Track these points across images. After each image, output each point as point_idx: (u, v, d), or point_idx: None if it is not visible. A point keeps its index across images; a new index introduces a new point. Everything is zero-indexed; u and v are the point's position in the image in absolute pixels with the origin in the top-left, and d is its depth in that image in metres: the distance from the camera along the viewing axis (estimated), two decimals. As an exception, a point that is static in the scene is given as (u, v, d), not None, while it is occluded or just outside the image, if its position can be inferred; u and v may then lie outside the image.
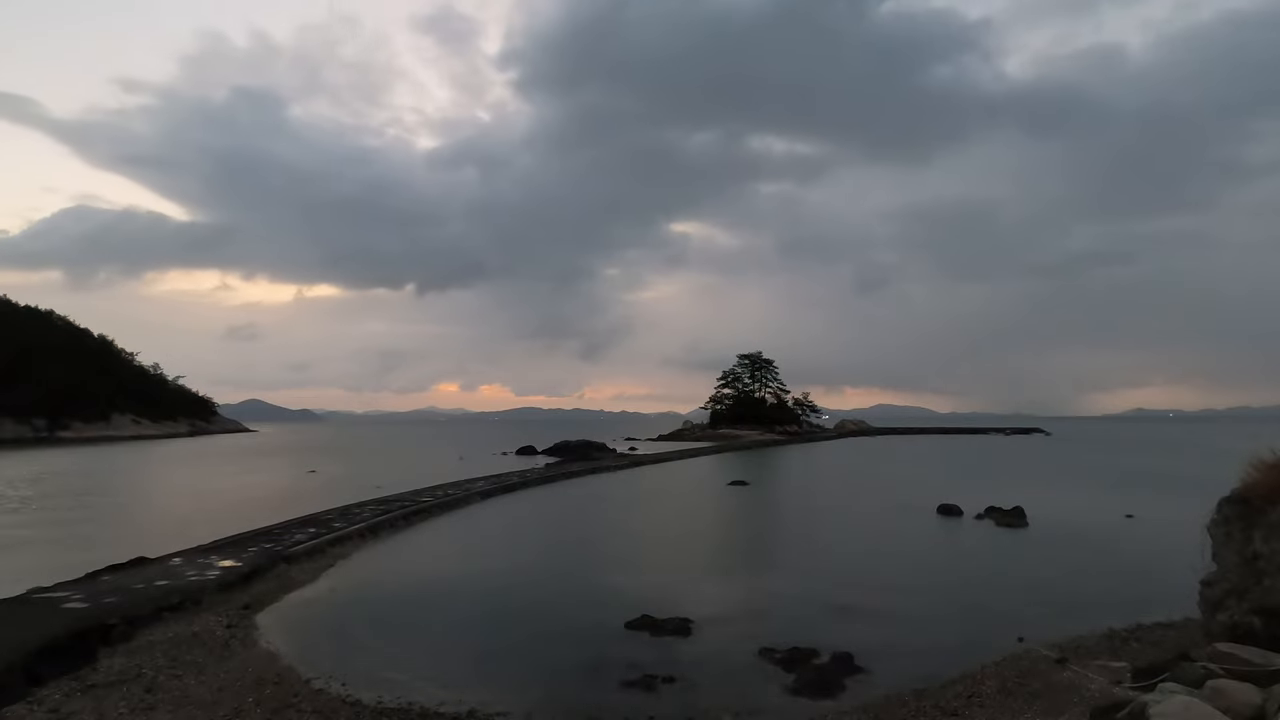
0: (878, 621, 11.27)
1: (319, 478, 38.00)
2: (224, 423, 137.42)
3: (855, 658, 9.14)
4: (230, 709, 7.48)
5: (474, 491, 27.82)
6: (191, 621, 10.63)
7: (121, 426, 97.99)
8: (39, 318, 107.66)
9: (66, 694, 7.71)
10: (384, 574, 14.89)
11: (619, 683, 8.54)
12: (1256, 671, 5.86)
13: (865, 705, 7.80)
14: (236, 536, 16.67)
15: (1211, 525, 8.41)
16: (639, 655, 9.52)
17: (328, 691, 8.12)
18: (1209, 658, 6.25)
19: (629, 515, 24.97)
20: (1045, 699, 7.44)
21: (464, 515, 23.66)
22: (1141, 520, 21.32)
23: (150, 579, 12.25)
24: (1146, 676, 6.60)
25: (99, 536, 18.77)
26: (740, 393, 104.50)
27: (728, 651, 9.71)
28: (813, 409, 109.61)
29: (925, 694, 7.98)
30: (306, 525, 18.49)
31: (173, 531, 19.02)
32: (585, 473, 39.91)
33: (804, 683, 8.43)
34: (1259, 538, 7.56)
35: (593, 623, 11.14)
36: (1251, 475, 8.04)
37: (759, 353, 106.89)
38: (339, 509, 21.44)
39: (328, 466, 46.46)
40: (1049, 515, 22.34)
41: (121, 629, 9.74)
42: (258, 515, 20.49)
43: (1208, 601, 8.20)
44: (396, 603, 12.39)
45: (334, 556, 16.04)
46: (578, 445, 56.54)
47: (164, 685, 8.09)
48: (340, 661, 9.35)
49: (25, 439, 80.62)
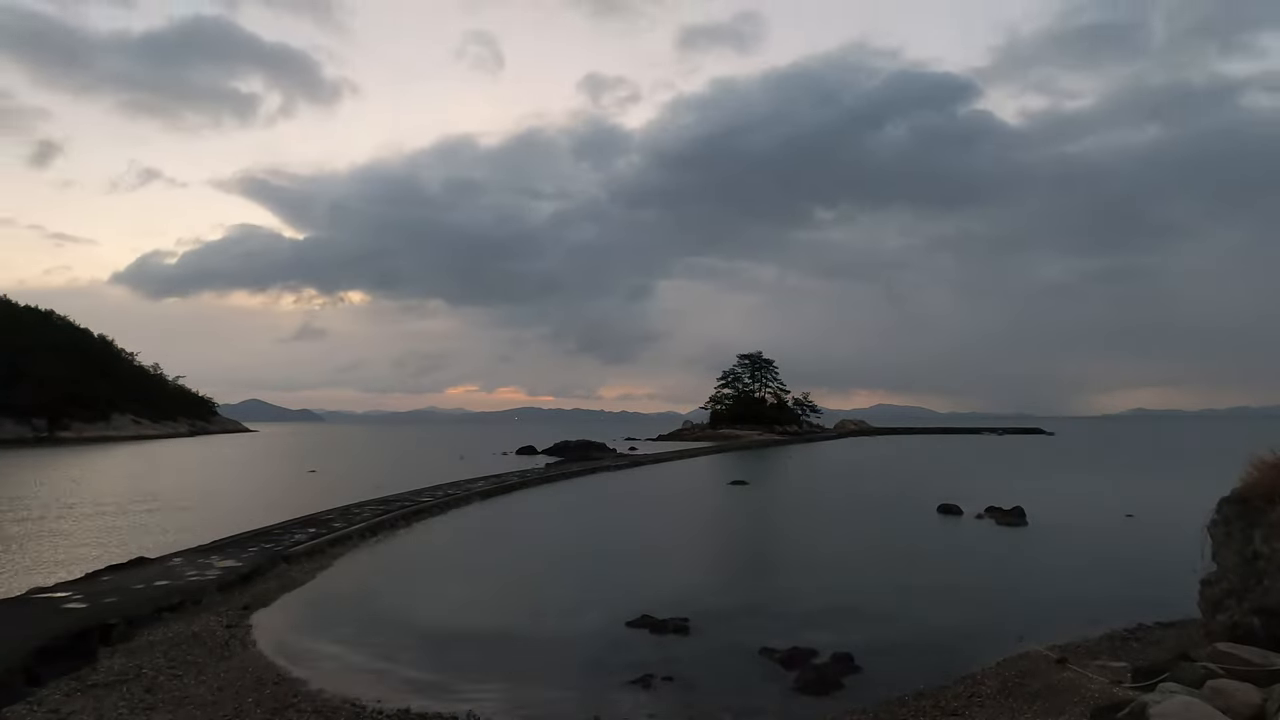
0: (878, 621, 11.27)
1: (319, 478, 38.01)
2: (224, 423, 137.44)
3: (855, 658, 9.13)
4: (230, 709, 7.48)
5: (474, 491, 27.83)
6: (191, 621, 10.62)
7: (121, 426, 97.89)
8: (39, 318, 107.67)
9: (66, 694, 7.70)
10: (384, 574, 14.89)
11: (619, 682, 8.53)
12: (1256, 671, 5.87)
13: (865, 705, 7.79)
14: (236, 536, 16.66)
15: (1211, 525, 8.41)
16: (639, 654, 9.52)
17: (327, 691, 8.11)
18: (1209, 658, 6.26)
19: (628, 515, 24.98)
20: (1045, 699, 7.43)
21: (464, 515, 23.66)
22: (1141, 520, 21.31)
23: (150, 579, 12.24)
24: (1146, 676, 6.61)
25: (99, 537, 18.77)
26: (740, 393, 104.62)
27: (728, 651, 9.71)
28: (812, 409, 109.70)
29: (925, 694, 7.97)
30: (306, 525, 18.49)
31: (172, 531, 19.04)
32: (585, 473, 39.91)
33: (804, 682, 8.42)
34: (1259, 538, 7.57)
35: (593, 622, 11.14)
36: (1251, 475, 8.05)
37: (759, 353, 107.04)
38: (339, 509, 21.44)
39: (328, 466, 46.48)
40: (1049, 515, 22.35)
41: (121, 629, 9.74)
42: (258, 515, 20.50)
43: (1208, 601, 8.20)
44: (396, 603, 12.39)
45: (334, 556, 16.03)
46: (578, 445, 56.58)
47: (164, 685, 8.09)
48: (340, 661, 9.35)
49: (25, 439, 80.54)
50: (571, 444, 57.55)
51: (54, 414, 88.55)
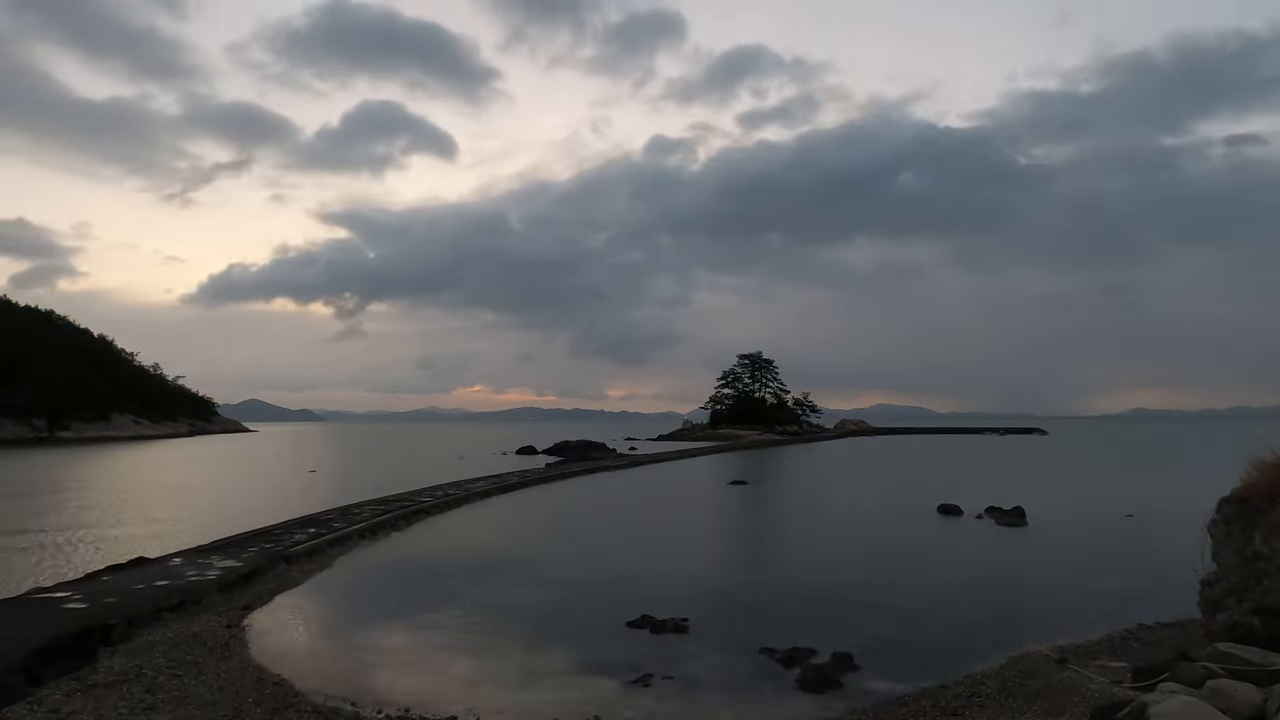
0: (878, 621, 11.27)
1: (319, 478, 38.01)
2: (224, 423, 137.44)
3: (855, 657, 9.13)
4: (230, 709, 7.47)
5: (473, 491, 27.82)
6: (191, 621, 10.62)
7: (121, 426, 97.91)
8: (39, 317, 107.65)
9: (66, 694, 7.69)
10: (383, 574, 14.89)
11: (619, 682, 8.54)
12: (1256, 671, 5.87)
13: (865, 705, 7.79)
14: (236, 536, 16.66)
15: (1211, 525, 8.41)
16: (639, 654, 9.52)
17: (327, 692, 8.11)
18: (1209, 658, 6.26)
19: (628, 514, 24.99)
20: (1045, 699, 7.43)
21: (464, 515, 23.66)
22: (1141, 520, 21.32)
23: (150, 579, 12.23)
24: (1146, 676, 6.60)
25: (99, 537, 18.77)
26: (740, 393, 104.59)
27: (728, 651, 9.71)
28: (812, 409, 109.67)
29: (925, 694, 7.97)
30: (306, 525, 18.48)
31: (172, 531, 19.04)
32: (585, 472, 39.91)
33: (804, 682, 8.42)
34: (1259, 538, 7.57)
35: (592, 621, 11.15)
36: (1251, 475, 8.05)
37: (759, 353, 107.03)
38: (339, 509, 21.44)
39: (328, 466, 46.48)
40: (1048, 515, 22.36)
41: (121, 629, 9.73)
42: (258, 515, 20.50)
43: (1208, 601, 8.21)
44: (396, 603, 12.39)
45: (334, 556, 16.03)
46: (578, 445, 56.61)
47: (164, 685, 8.08)
48: (340, 662, 9.35)
49: (25, 439, 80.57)
50: (571, 444, 57.57)
51: (54, 414, 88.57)
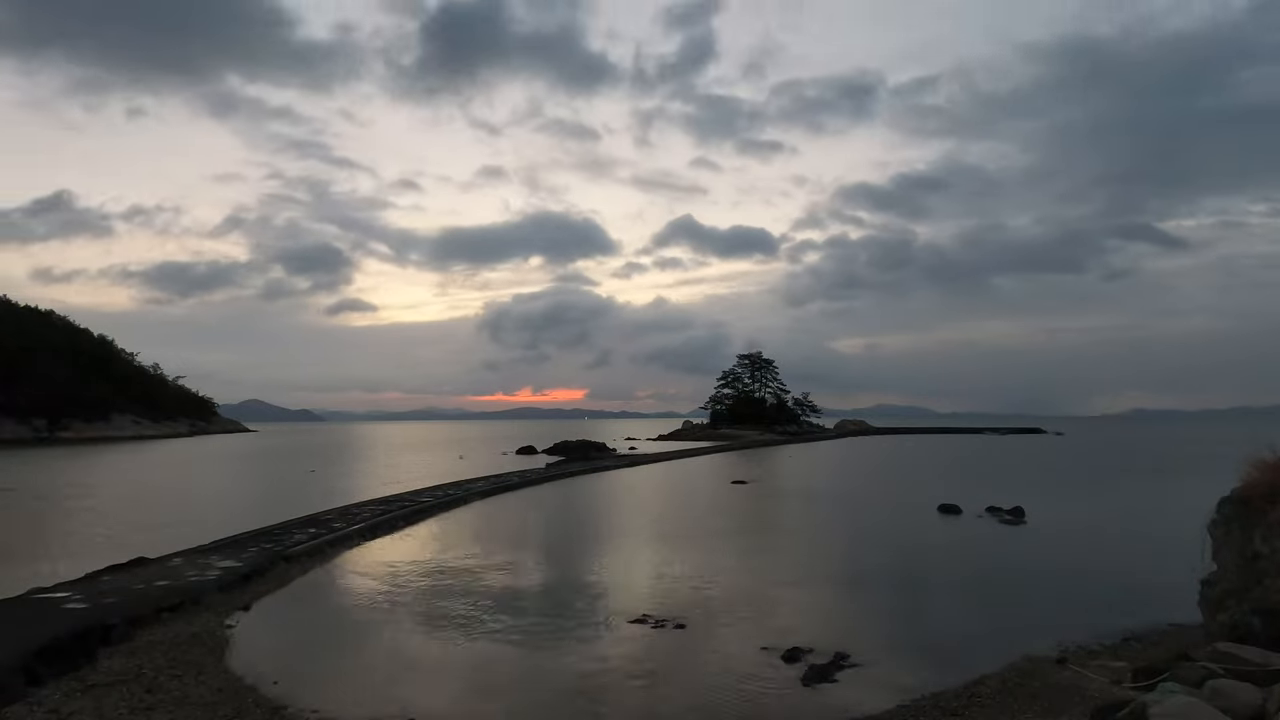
0: (878, 620, 11.28)
1: (319, 478, 38.01)
2: (224, 423, 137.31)
3: (855, 657, 9.15)
4: (230, 709, 7.47)
5: (474, 491, 27.82)
6: (191, 622, 10.61)
7: (121, 426, 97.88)
8: (39, 318, 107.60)
9: (66, 694, 7.70)
10: (383, 574, 14.87)
11: (619, 681, 8.54)
12: (1256, 671, 5.86)
13: (865, 704, 7.79)
14: (236, 536, 16.66)
15: (1211, 525, 8.41)
16: (639, 653, 9.53)
17: (326, 692, 8.12)
18: (1209, 658, 6.25)
19: (629, 514, 24.97)
20: (1045, 699, 7.44)
21: (464, 515, 23.65)
22: (1141, 520, 21.33)
23: (150, 579, 12.23)
24: (1146, 676, 6.60)
25: (99, 537, 18.77)
26: (740, 393, 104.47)
27: (728, 650, 9.71)
28: (812, 409, 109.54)
29: (925, 694, 7.98)
30: (306, 525, 18.49)
31: (173, 531, 19.01)
32: (585, 472, 39.91)
33: (804, 681, 8.43)
34: (1259, 538, 7.57)
35: (593, 621, 11.15)
36: (1251, 475, 8.04)
37: (759, 353, 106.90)
38: (339, 509, 21.45)
39: (328, 466, 46.47)
40: (1048, 514, 22.36)
41: (121, 629, 9.73)
42: (258, 515, 20.50)
43: (1208, 601, 8.20)
44: (396, 603, 12.39)
45: (334, 556, 16.04)
46: (578, 445, 56.54)
47: (164, 685, 8.08)
48: (340, 662, 9.36)
49: (25, 439, 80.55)
50: (571, 444, 57.51)
51: (54, 414, 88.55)
